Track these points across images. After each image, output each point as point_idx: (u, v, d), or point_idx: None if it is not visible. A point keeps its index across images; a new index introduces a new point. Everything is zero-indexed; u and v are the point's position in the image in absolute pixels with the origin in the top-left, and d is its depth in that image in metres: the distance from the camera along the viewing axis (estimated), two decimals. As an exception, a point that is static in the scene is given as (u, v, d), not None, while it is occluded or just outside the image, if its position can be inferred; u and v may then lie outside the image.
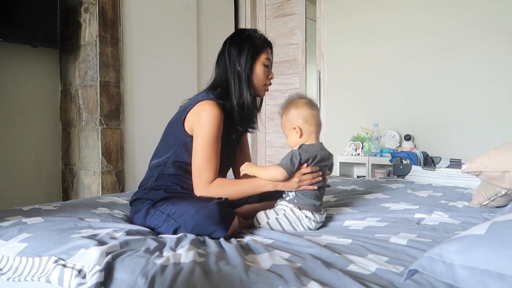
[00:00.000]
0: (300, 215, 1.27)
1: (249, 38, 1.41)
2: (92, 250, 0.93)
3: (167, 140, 1.41)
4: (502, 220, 0.76)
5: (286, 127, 1.36)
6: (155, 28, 2.99)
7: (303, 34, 3.74)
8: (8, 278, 0.96)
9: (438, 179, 2.18)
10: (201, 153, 1.30)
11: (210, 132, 1.29)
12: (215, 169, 1.31)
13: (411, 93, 3.08)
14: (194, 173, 1.31)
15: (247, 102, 1.39)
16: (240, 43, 1.41)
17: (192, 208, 1.19)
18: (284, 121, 1.36)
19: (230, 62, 1.40)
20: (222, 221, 1.15)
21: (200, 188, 1.30)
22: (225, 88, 1.40)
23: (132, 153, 2.83)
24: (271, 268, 0.88)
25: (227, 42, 1.45)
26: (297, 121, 1.32)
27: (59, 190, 2.81)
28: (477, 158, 1.06)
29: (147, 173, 1.43)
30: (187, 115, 1.35)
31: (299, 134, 1.31)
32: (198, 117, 1.31)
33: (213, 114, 1.30)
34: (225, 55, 1.42)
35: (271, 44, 1.48)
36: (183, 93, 3.17)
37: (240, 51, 1.39)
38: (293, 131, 1.32)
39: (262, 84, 1.43)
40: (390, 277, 0.83)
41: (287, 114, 1.34)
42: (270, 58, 1.45)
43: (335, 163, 3.33)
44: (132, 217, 1.36)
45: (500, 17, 2.72)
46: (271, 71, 1.46)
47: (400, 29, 3.12)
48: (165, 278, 0.80)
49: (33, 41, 2.44)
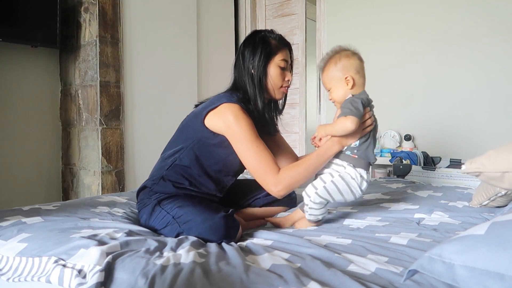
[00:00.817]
0: (355, 176, 1.24)
1: (263, 39, 1.38)
2: (92, 250, 0.93)
3: (184, 133, 1.38)
4: (502, 220, 0.76)
5: (334, 78, 1.28)
6: (155, 28, 2.99)
7: (303, 34, 3.74)
8: (8, 279, 0.96)
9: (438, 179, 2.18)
10: (248, 153, 1.26)
11: (245, 131, 1.26)
12: (272, 160, 1.26)
13: (411, 93, 3.08)
14: (255, 175, 1.27)
15: (261, 105, 1.36)
16: (254, 45, 1.38)
17: (198, 217, 1.16)
18: (331, 72, 1.29)
19: (244, 65, 1.37)
20: (226, 235, 1.13)
21: (273, 184, 1.24)
22: (244, 91, 1.37)
23: (132, 153, 2.83)
24: (271, 268, 0.88)
25: (242, 44, 1.42)
26: (349, 71, 1.26)
27: (59, 190, 2.81)
28: (477, 158, 1.06)
29: (159, 162, 1.41)
30: (209, 113, 1.31)
31: (351, 84, 1.26)
32: (225, 121, 1.28)
33: (240, 116, 1.27)
34: (240, 57, 1.40)
35: (289, 44, 1.43)
36: (183, 93, 3.20)
37: (254, 53, 1.36)
38: (343, 82, 1.27)
39: (277, 87, 1.39)
40: (390, 277, 0.83)
41: (336, 64, 1.28)
42: (288, 59, 1.40)
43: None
44: (139, 211, 1.35)
45: (501, 17, 2.72)
46: (287, 73, 1.40)
47: (400, 29, 3.12)
48: (165, 278, 0.80)
49: (33, 41, 2.44)
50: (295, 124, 3.83)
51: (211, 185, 1.37)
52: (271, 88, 1.38)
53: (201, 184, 1.35)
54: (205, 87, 3.47)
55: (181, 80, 3.19)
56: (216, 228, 1.13)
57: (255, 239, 1.17)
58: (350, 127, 1.20)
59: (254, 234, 1.21)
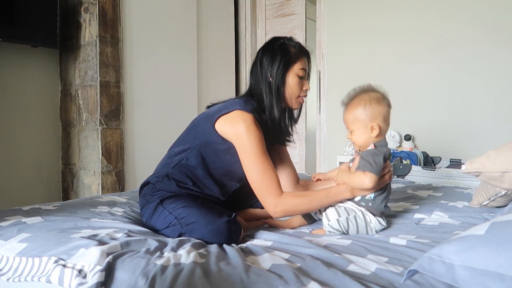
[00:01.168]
0: (371, 220, 1.21)
1: (282, 47, 1.34)
2: (92, 250, 0.93)
3: (193, 132, 1.37)
4: (502, 220, 0.76)
5: (359, 122, 1.23)
6: (155, 28, 2.99)
7: (303, 34, 3.74)
8: (8, 279, 0.96)
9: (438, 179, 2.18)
10: (253, 168, 1.23)
11: (254, 145, 1.23)
12: (275, 179, 1.24)
13: (411, 93, 3.08)
14: (256, 191, 1.25)
15: (277, 114, 1.33)
16: (273, 52, 1.34)
17: (202, 220, 1.16)
18: (358, 115, 1.23)
19: (262, 72, 1.34)
20: (229, 239, 1.12)
21: (272, 205, 1.22)
22: (260, 99, 1.34)
23: (132, 153, 2.83)
24: (271, 268, 0.88)
25: (260, 50, 1.39)
26: (376, 119, 1.21)
27: (59, 190, 2.81)
28: (477, 158, 1.06)
29: (166, 159, 1.39)
30: (220, 117, 1.29)
31: (376, 133, 1.21)
32: (236, 130, 1.25)
33: (252, 127, 1.24)
34: (257, 64, 1.36)
35: (308, 53, 1.40)
36: (183, 93, 3.20)
37: (272, 61, 1.33)
38: (368, 128, 1.22)
39: (295, 96, 1.37)
40: (390, 277, 0.83)
41: (365, 108, 1.22)
42: (306, 68, 1.38)
43: (335, 163, 3.33)
44: (142, 208, 1.34)
45: (500, 19, 2.72)
46: (305, 82, 1.38)
47: (401, 29, 3.12)
48: (165, 278, 0.81)
49: (33, 41, 2.44)
50: (295, 124, 3.83)
51: (215, 188, 1.36)
52: (288, 97, 1.36)
53: (205, 185, 1.34)
54: (205, 87, 3.47)
55: (181, 80, 3.19)
56: (219, 233, 1.12)
57: (255, 239, 1.17)
58: (368, 185, 1.16)
59: (254, 235, 1.21)
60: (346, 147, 3.22)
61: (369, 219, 1.22)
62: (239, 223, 1.20)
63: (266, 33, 3.95)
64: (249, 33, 3.95)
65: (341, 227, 1.20)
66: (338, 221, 1.20)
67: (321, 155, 3.57)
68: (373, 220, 1.22)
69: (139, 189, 1.41)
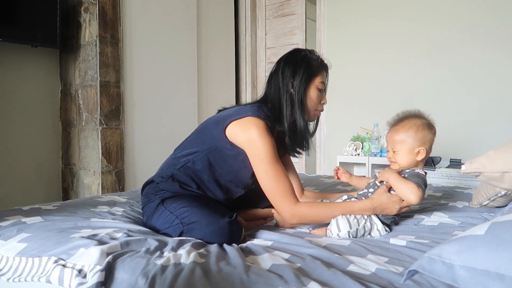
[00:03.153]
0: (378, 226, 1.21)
1: (305, 60, 1.35)
2: (92, 250, 0.93)
3: (201, 136, 1.36)
4: (502, 220, 0.76)
5: (407, 144, 1.25)
6: (155, 28, 2.99)
7: (303, 34, 3.74)
8: (8, 279, 0.96)
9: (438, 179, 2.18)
10: (266, 174, 1.22)
11: (267, 150, 1.22)
12: (290, 186, 1.23)
13: (411, 93, 3.08)
14: (271, 198, 1.24)
15: (300, 126, 1.33)
16: (296, 64, 1.34)
17: (203, 220, 1.15)
18: (407, 137, 1.25)
19: (284, 82, 1.33)
20: (230, 239, 1.12)
21: (288, 212, 1.21)
22: (277, 109, 1.34)
23: (132, 153, 2.83)
24: (271, 268, 0.88)
25: (281, 61, 1.38)
26: (425, 144, 1.24)
27: (59, 190, 2.81)
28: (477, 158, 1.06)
29: (171, 159, 1.38)
30: (231, 123, 1.28)
31: (421, 157, 1.24)
32: (248, 135, 1.24)
33: (264, 134, 1.23)
34: (278, 74, 1.35)
35: (327, 67, 1.42)
36: (183, 93, 3.20)
37: (295, 72, 1.33)
38: (414, 152, 1.24)
39: (313, 109, 1.37)
40: (390, 277, 0.83)
41: (417, 132, 1.24)
42: (325, 82, 1.39)
43: (335, 163, 3.33)
44: (143, 206, 1.34)
45: (497, 21, 2.72)
46: (324, 96, 1.40)
47: (401, 30, 3.12)
48: (165, 278, 0.81)
49: (33, 41, 2.44)
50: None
51: (219, 193, 1.35)
52: (309, 109, 1.37)
53: (209, 189, 1.33)
54: (205, 87, 3.47)
55: (181, 80, 3.19)
56: (221, 233, 1.12)
57: (255, 239, 1.17)
58: (414, 200, 1.18)
59: (254, 235, 1.21)
60: (346, 147, 3.22)
61: (375, 226, 1.21)
62: (240, 224, 1.20)
63: (266, 33, 3.95)
64: (249, 33, 3.95)
65: (349, 236, 1.20)
66: (349, 233, 1.19)
67: (321, 155, 3.57)
68: (380, 226, 1.22)
69: (142, 187, 1.41)
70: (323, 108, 1.42)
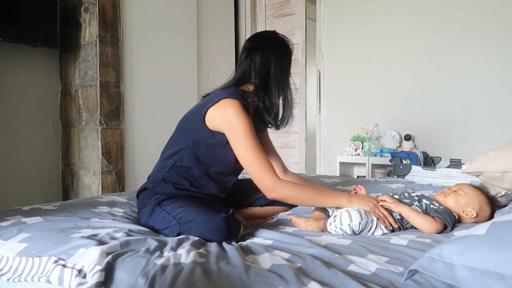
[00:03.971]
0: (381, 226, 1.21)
1: (286, 46, 1.44)
2: (92, 250, 0.93)
3: (183, 133, 1.37)
4: (502, 220, 0.76)
5: (471, 199, 1.27)
6: (155, 28, 2.99)
7: (303, 34, 3.74)
8: (8, 279, 0.96)
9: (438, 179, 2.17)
10: (246, 151, 1.25)
11: (244, 127, 1.25)
12: (269, 162, 1.26)
13: (411, 93, 3.08)
14: (251, 172, 1.26)
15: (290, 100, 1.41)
16: (280, 49, 1.41)
17: (200, 218, 1.16)
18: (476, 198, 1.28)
19: (269, 65, 1.38)
20: (228, 235, 1.12)
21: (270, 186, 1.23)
22: (262, 85, 1.37)
23: (132, 153, 2.83)
24: (271, 268, 0.88)
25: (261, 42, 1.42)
26: (481, 213, 1.27)
27: (59, 190, 2.81)
28: (477, 158, 1.06)
29: (159, 163, 1.40)
30: (208, 110, 1.30)
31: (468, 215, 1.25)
32: (225, 115, 1.27)
33: (240, 111, 1.26)
34: (266, 52, 1.38)
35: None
36: (183, 93, 3.20)
37: (281, 58, 1.40)
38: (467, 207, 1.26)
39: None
40: (390, 277, 0.83)
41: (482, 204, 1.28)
42: None
43: (335, 163, 3.33)
44: (139, 211, 1.35)
45: (498, 20, 2.72)
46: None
47: (400, 30, 3.12)
48: (165, 278, 0.80)
49: (33, 41, 2.44)
50: (295, 124, 3.83)
51: (213, 186, 1.36)
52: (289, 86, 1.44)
53: (202, 185, 1.35)
54: (205, 87, 3.47)
55: (181, 80, 3.19)
56: (218, 229, 1.12)
57: (256, 238, 1.17)
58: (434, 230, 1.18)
59: (254, 234, 1.21)
60: (346, 147, 3.22)
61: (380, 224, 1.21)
62: (238, 219, 1.20)
63: (266, 33, 3.95)
64: (249, 33, 3.95)
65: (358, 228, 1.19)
66: (360, 224, 1.18)
67: (321, 155, 3.57)
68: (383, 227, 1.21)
69: (137, 194, 1.42)
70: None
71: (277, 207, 1.53)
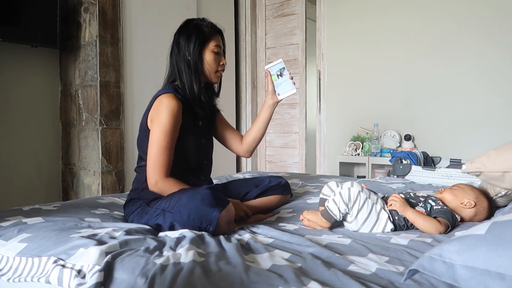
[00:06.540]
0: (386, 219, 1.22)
1: (197, 27, 1.43)
2: (91, 250, 0.93)
3: (142, 140, 1.43)
4: (502, 220, 0.76)
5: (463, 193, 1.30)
6: (155, 28, 2.99)
7: (303, 34, 3.74)
8: (8, 279, 0.96)
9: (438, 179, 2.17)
10: (156, 142, 1.32)
11: (167, 123, 1.32)
12: (168, 162, 1.33)
13: (411, 93, 3.08)
14: (149, 161, 1.33)
15: (197, 89, 1.42)
16: (188, 33, 1.43)
17: (184, 197, 1.21)
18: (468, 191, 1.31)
19: (180, 52, 1.42)
20: (216, 203, 1.16)
21: (152, 179, 1.31)
22: (180, 79, 1.43)
23: (132, 153, 2.83)
24: (271, 268, 0.88)
25: (176, 33, 1.47)
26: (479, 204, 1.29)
27: (59, 190, 2.80)
28: (477, 158, 1.06)
29: (137, 175, 1.47)
30: (148, 113, 1.39)
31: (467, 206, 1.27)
32: (157, 111, 1.35)
33: (170, 106, 1.33)
34: (174, 46, 1.45)
35: (221, 31, 1.50)
36: (183, 93, 3.19)
37: (189, 41, 1.41)
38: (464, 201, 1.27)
39: (213, 71, 1.46)
40: (390, 277, 0.83)
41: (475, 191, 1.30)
42: (221, 45, 1.47)
43: (335, 163, 3.33)
44: (127, 218, 1.37)
45: (498, 20, 2.72)
46: (222, 58, 1.48)
47: (401, 30, 3.12)
48: (165, 277, 0.80)
49: (33, 41, 2.44)
50: (295, 124, 3.83)
51: (192, 179, 1.43)
52: (207, 73, 1.45)
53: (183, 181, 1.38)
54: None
55: (181, 80, 3.19)
56: (204, 199, 1.17)
57: (256, 235, 1.17)
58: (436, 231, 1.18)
59: (255, 230, 1.22)
60: (346, 147, 3.22)
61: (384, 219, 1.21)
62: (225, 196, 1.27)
63: (266, 33, 3.95)
64: (249, 33, 3.95)
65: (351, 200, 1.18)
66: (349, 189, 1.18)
67: (321, 155, 3.57)
68: (389, 223, 1.21)
69: (123, 207, 1.45)
70: (224, 69, 1.50)
71: (271, 196, 1.56)
